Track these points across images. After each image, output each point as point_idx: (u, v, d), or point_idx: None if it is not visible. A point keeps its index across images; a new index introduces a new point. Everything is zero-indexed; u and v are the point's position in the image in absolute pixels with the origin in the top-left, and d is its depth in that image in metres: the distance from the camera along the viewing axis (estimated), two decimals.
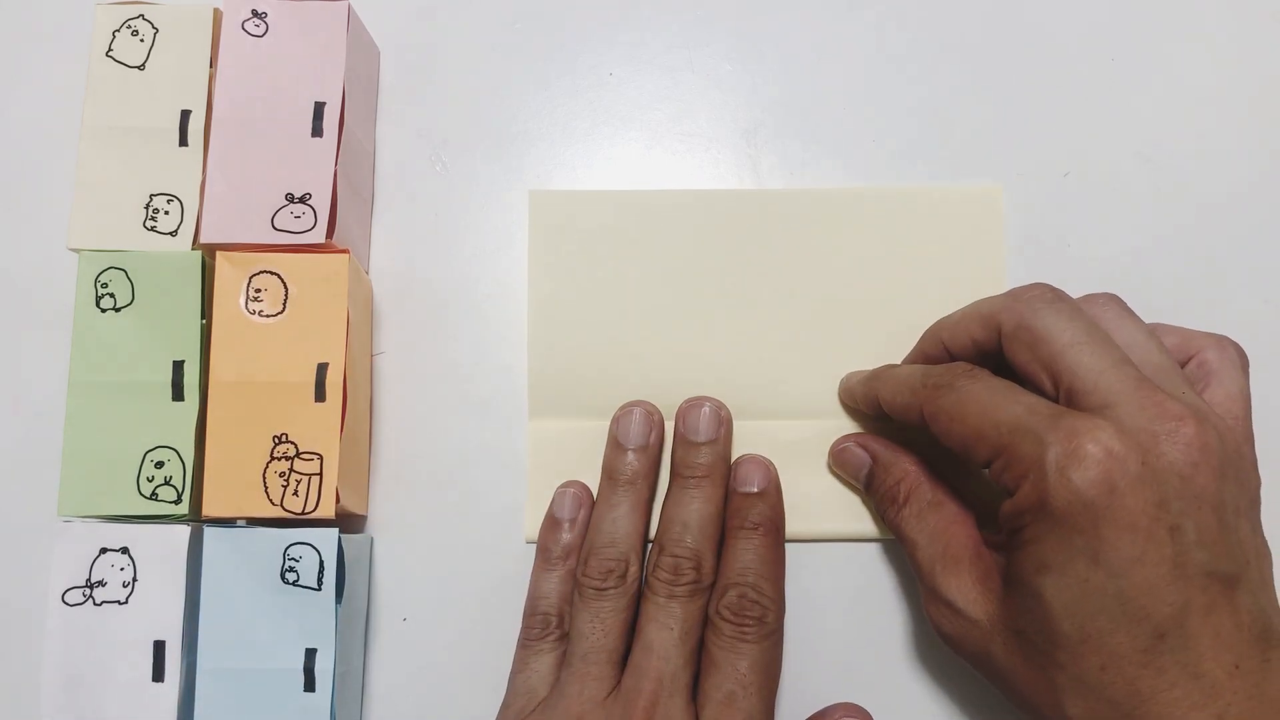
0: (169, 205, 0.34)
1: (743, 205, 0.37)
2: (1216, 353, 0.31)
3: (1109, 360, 0.28)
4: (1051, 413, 0.28)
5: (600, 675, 0.31)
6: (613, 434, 0.35)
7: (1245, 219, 0.37)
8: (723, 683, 0.31)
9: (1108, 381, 0.28)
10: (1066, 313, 0.29)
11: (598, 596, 0.32)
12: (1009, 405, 0.29)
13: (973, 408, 0.29)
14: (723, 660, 0.31)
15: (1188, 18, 0.38)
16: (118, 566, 0.32)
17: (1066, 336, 0.29)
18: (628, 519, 0.34)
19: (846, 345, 0.36)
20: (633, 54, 0.39)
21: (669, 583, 0.32)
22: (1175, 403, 0.27)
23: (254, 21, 0.35)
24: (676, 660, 0.31)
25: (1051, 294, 0.30)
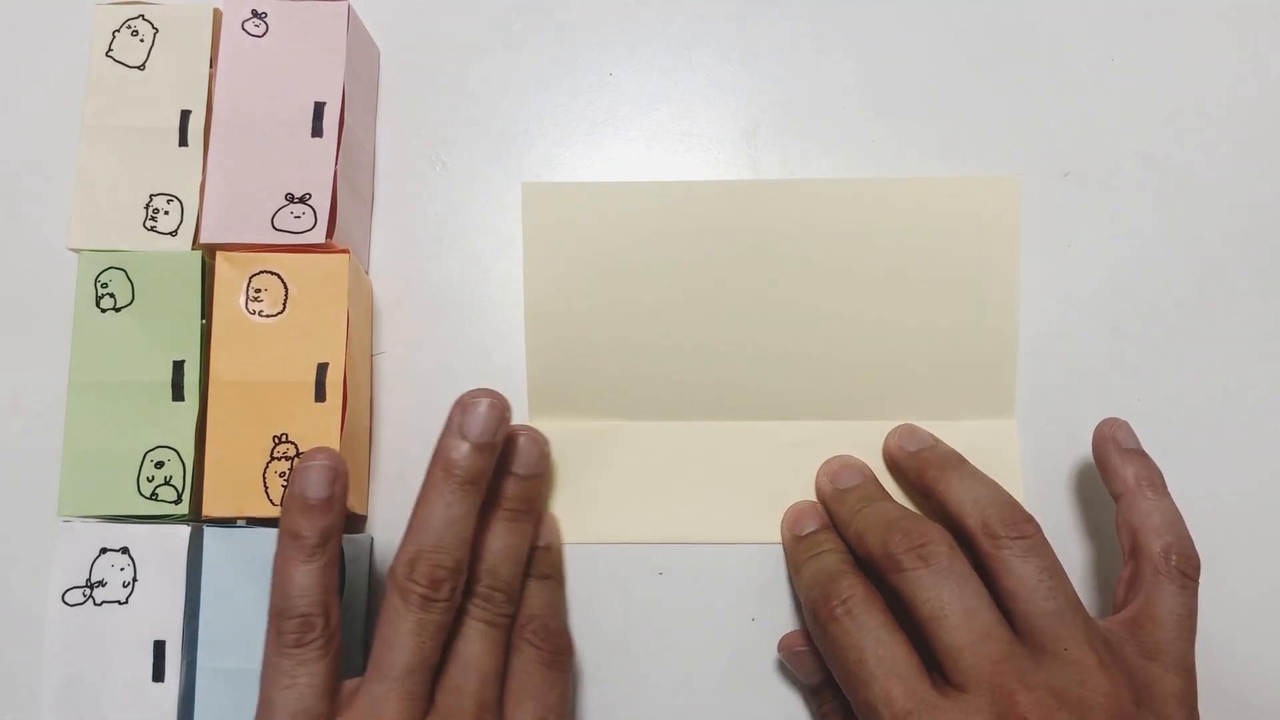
0: (169, 205, 0.34)
1: (742, 196, 0.36)
2: (1157, 563, 0.30)
3: (966, 639, 0.28)
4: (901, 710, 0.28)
5: (422, 695, 0.28)
6: (454, 421, 0.31)
7: (1245, 219, 0.37)
8: (536, 709, 0.30)
9: (965, 664, 0.28)
10: (930, 577, 0.29)
11: (425, 606, 0.29)
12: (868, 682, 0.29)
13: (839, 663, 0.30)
14: (533, 688, 0.30)
15: (1188, 18, 0.38)
16: (118, 566, 0.32)
17: (927, 609, 0.29)
18: (464, 523, 0.30)
19: (852, 341, 0.36)
20: (633, 54, 0.39)
21: (491, 609, 0.30)
22: (1027, 695, 0.27)
23: (254, 21, 0.35)
24: (494, 689, 0.30)
25: (918, 550, 0.30)
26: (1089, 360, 0.36)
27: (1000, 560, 0.30)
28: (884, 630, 0.29)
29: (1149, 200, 0.37)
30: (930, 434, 0.35)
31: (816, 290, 0.36)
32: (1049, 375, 0.36)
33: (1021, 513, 0.30)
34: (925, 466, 0.33)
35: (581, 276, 0.36)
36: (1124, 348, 0.36)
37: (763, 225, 0.36)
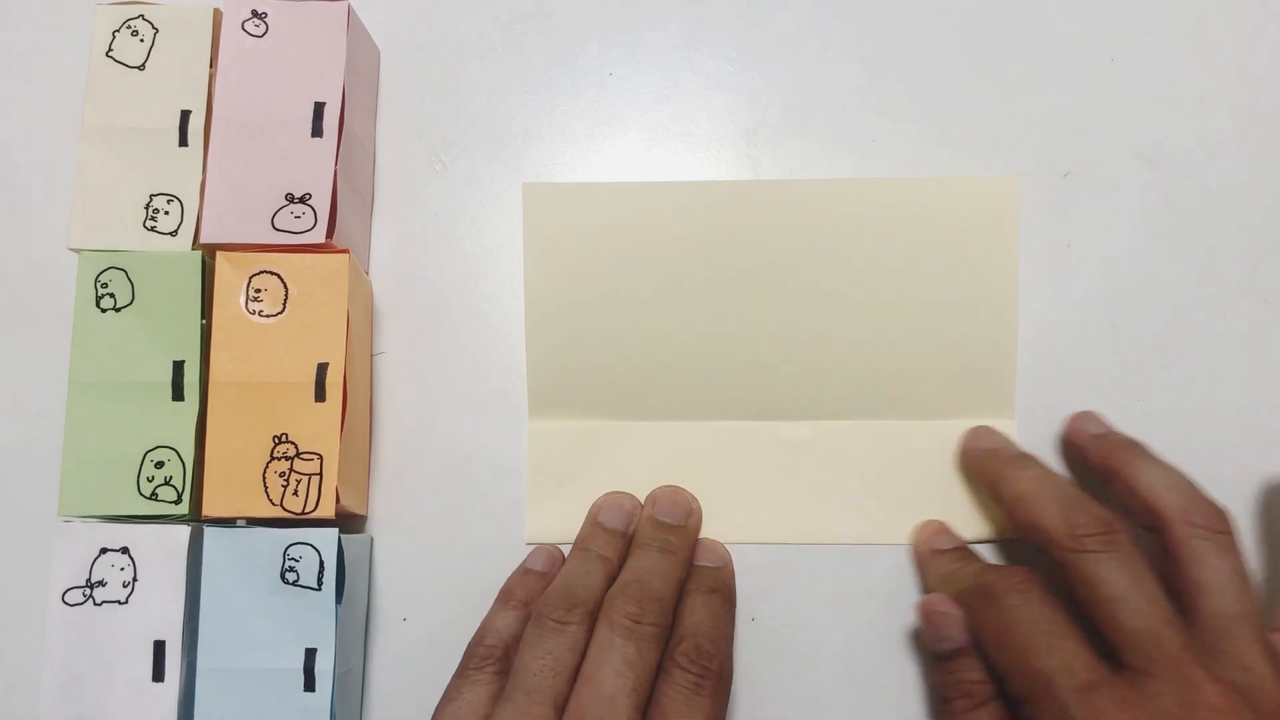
0: (169, 205, 0.34)
1: (743, 196, 0.36)
2: None
3: (1149, 624, 0.28)
4: (1083, 681, 0.27)
5: (542, 715, 0.28)
6: (593, 516, 0.34)
7: (1245, 219, 0.37)
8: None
9: (1147, 648, 0.28)
10: (1114, 561, 0.29)
11: (556, 631, 0.30)
12: (1045, 654, 0.28)
13: (1011, 639, 0.29)
14: (675, 712, 0.29)
15: (1188, 18, 0.38)
16: (118, 566, 0.32)
17: (1108, 589, 0.29)
18: (598, 574, 0.32)
19: (852, 341, 0.36)
20: (633, 54, 0.39)
21: (632, 619, 0.30)
22: (1214, 685, 0.27)
23: (254, 21, 0.35)
24: (624, 709, 0.28)
25: (1105, 535, 0.29)
26: (1089, 360, 0.36)
27: (1194, 550, 0.29)
28: (1061, 610, 0.29)
29: (1149, 200, 0.37)
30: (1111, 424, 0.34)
31: (817, 290, 0.36)
32: (1049, 375, 0.36)
33: (1220, 508, 0.30)
34: (1114, 449, 0.33)
35: (581, 277, 0.36)
36: (1124, 348, 0.36)
37: (763, 226, 0.36)
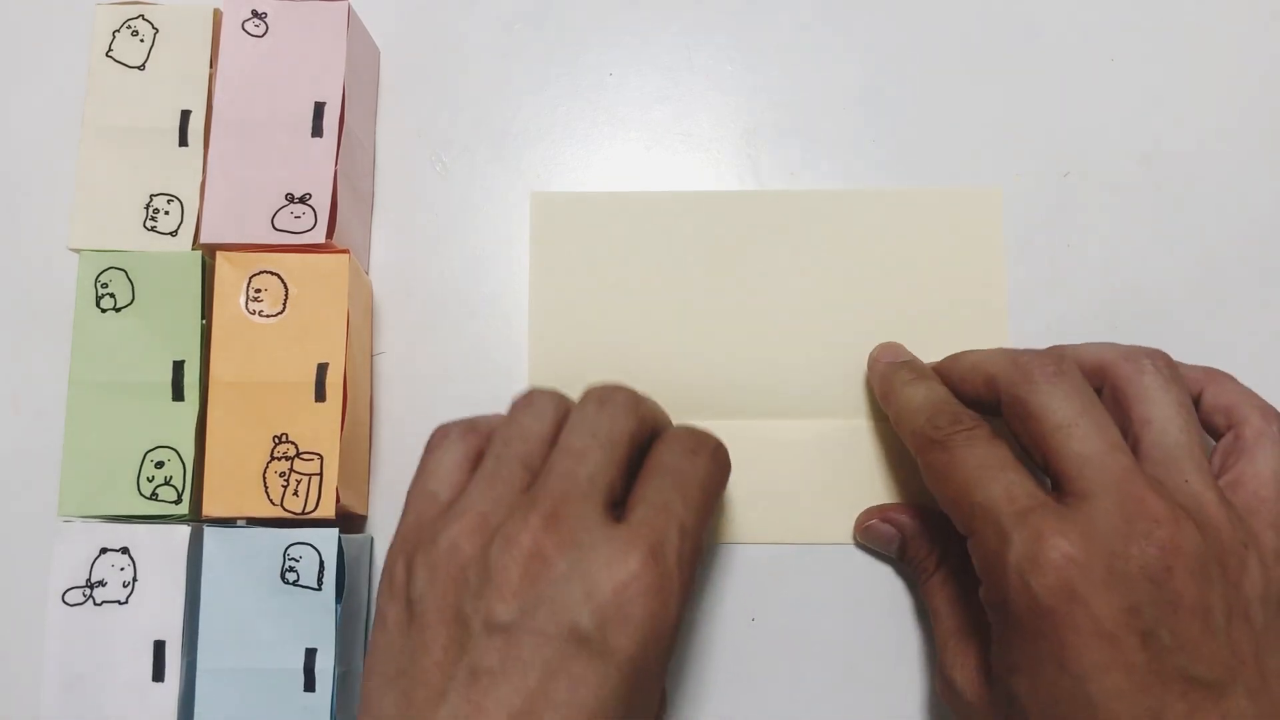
0: (169, 205, 0.34)
1: (744, 207, 0.37)
2: (1259, 425, 0.30)
3: (1096, 447, 0.28)
4: (1024, 505, 0.27)
5: (509, 476, 0.28)
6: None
7: (1245, 219, 0.37)
8: (663, 489, 0.28)
9: (1091, 471, 0.27)
10: (1063, 390, 0.29)
11: (524, 409, 0.30)
12: (988, 484, 0.28)
13: (957, 475, 0.29)
14: (669, 468, 0.28)
15: (1188, 17, 0.38)
16: (118, 566, 0.32)
17: (1057, 417, 0.28)
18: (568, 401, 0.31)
19: (846, 346, 0.36)
20: (633, 54, 0.39)
21: (604, 395, 0.29)
22: (1158, 500, 0.26)
23: (254, 21, 0.35)
24: (595, 461, 0.28)
25: (1053, 367, 0.29)
26: None
27: (1141, 386, 0.29)
28: (1008, 451, 0.29)
29: (1149, 200, 0.37)
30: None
31: (815, 295, 0.36)
32: None
33: (1160, 350, 0.30)
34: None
35: (586, 284, 0.37)
36: None
37: (763, 234, 0.37)
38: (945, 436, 0.30)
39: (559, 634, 0.25)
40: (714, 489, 0.29)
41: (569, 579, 0.26)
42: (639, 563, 0.26)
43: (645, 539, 0.26)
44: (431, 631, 0.26)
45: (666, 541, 0.26)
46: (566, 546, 0.26)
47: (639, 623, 0.25)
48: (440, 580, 0.27)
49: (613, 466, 0.28)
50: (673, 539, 0.27)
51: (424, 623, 0.26)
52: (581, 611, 0.25)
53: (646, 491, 0.28)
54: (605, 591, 0.25)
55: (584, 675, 0.25)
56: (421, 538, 0.28)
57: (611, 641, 0.25)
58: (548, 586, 0.26)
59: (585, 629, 0.25)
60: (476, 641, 0.25)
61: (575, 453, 0.28)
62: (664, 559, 0.26)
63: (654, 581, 0.26)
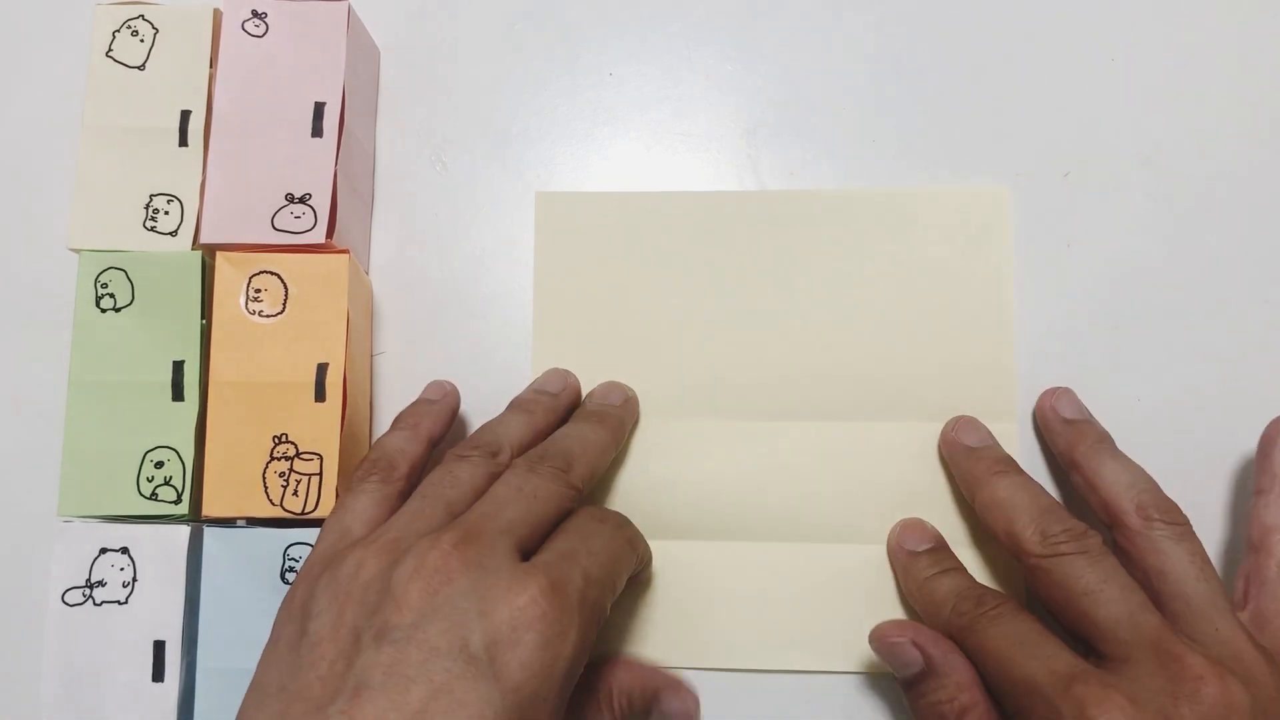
0: (169, 205, 0.34)
1: (749, 207, 0.37)
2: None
3: (1125, 609, 0.28)
4: (1065, 676, 0.27)
5: (431, 513, 0.28)
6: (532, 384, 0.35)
7: (1245, 219, 0.37)
8: (568, 543, 0.28)
9: (1125, 633, 0.28)
10: (1087, 560, 0.29)
11: (458, 461, 0.30)
12: (1025, 661, 0.28)
13: (992, 655, 0.29)
14: (574, 528, 0.29)
15: (1188, 18, 0.38)
16: (118, 566, 0.32)
17: (1082, 584, 0.29)
18: (519, 424, 0.32)
19: (851, 346, 0.36)
20: (633, 54, 0.39)
21: (535, 460, 0.30)
22: (1196, 657, 0.27)
23: (254, 21, 0.35)
24: (514, 512, 0.28)
25: (1080, 542, 0.30)
26: (1089, 360, 0.36)
27: (1152, 541, 0.30)
28: (1037, 623, 0.29)
29: (1149, 200, 0.37)
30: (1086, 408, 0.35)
31: (819, 297, 0.36)
32: (1049, 375, 0.36)
33: (1174, 503, 0.31)
34: (1079, 439, 0.33)
35: (591, 283, 0.37)
36: (1124, 348, 0.36)
37: (766, 235, 0.37)
38: (971, 621, 0.30)
39: (448, 650, 0.24)
40: (619, 553, 0.30)
41: (467, 596, 0.25)
42: (538, 591, 0.26)
43: (547, 575, 0.26)
44: (322, 647, 0.26)
45: (570, 581, 0.27)
46: (471, 568, 0.26)
47: (530, 651, 0.25)
48: (339, 598, 0.26)
49: (532, 519, 0.29)
50: (576, 581, 0.27)
51: (316, 639, 0.26)
52: (474, 629, 0.25)
53: (553, 544, 0.28)
54: (500, 614, 0.25)
55: (466, 697, 0.24)
56: (330, 564, 0.28)
57: (499, 665, 0.25)
58: (445, 602, 0.25)
59: (474, 648, 0.25)
60: (365, 655, 0.25)
61: (499, 500, 0.29)
62: (565, 595, 0.26)
63: (550, 613, 0.25)
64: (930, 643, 0.31)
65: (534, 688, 0.25)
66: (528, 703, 0.25)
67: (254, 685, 0.27)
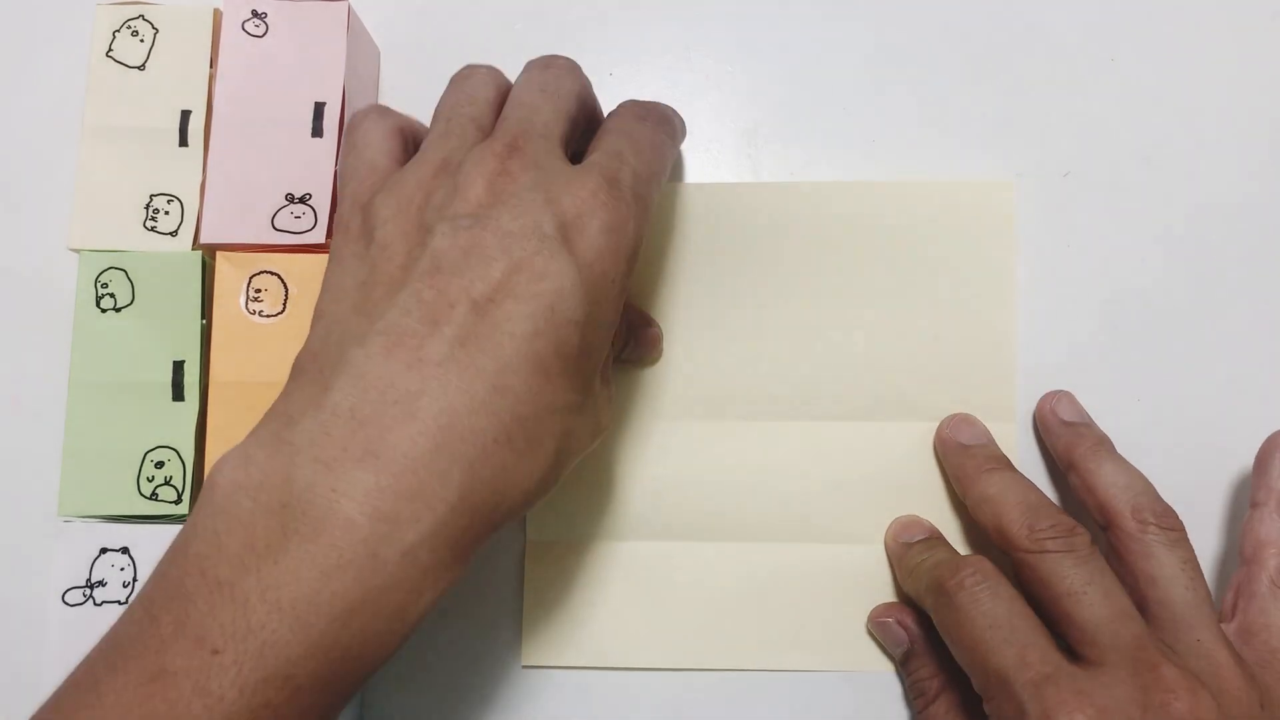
0: (169, 205, 0.34)
1: (742, 199, 0.36)
2: (1274, 573, 0.30)
3: (1106, 614, 0.28)
4: (1039, 673, 0.27)
5: (464, 132, 0.28)
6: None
7: (1245, 219, 0.37)
8: (613, 143, 0.28)
9: (1104, 638, 0.28)
10: (1073, 560, 0.29)
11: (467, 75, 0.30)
12: (999, 650, 0.28)
13: (967, 632, 0.29)
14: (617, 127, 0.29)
15: (1188, 18, 0.38)
16: (118, 566, 0.32)
17: (1066, 584, 0.29)
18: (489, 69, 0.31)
19: (851, 348, 0.36)
20: (633, 54, 0.39)
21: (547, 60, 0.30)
22: (1172, 668, 0.27)
23: (254, 21, 0.35)
24: (547, 110, 0.28)
25: (1066, 540, 0.30)
26: (1089, 360, 0.36)
27: (1144, 545, 0.30)
28: (1016, 601, 0.29)
29: (1149, 200, 0.37)
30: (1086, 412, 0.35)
31: (818, 293, 0.36)
32: (1049, 375, 0.36)
33: (1170, 508, 0.31)
34: (1078, 441, 0.33)
35: None
36: (1124, 348, 0.36)
37: (763, 228, 0.36)
38: (953, 588, 0.30)
39: (521, 232, 0.25)
40: (664, 148, 0.30)
41: (531, 190, 0.26)
42: (595, 184, 0.27)
43: (600, 172, 0.27)
44: (394, 245, 0.26)
45: (621, 177, 0.27)
46: (529, 168, 0.27)
47: (597, 234, 0.26)
48: (404, 204, 0.27)
49: (564, 119, 0.29)
50: (627, 176, 0.27)
51: (385, 241, 0.26)
52: (544, 215, 0.26)
53: (598, 146, 0.29)
54: (565, 202, 0.26)
55: (544, 270, 0.25)
56: (378, 188, 0.28)
57: (572, 244, 0.26)
58: (511, 196, 0.26)
59: (547, 230, 0.26)
60: (438, 239, 0.26)
61: (527, 105, 0.28)
62: (619, 187, 0.27)
63: (610, 201, 0.27)
64: (916, 623, 0.33)
65: (603, 267, 0.26)
66: (599, 279, 0.26)
67: (326, 286, 0.27)
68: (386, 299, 0.25)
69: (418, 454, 0.23)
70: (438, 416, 0.24)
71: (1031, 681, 0.27)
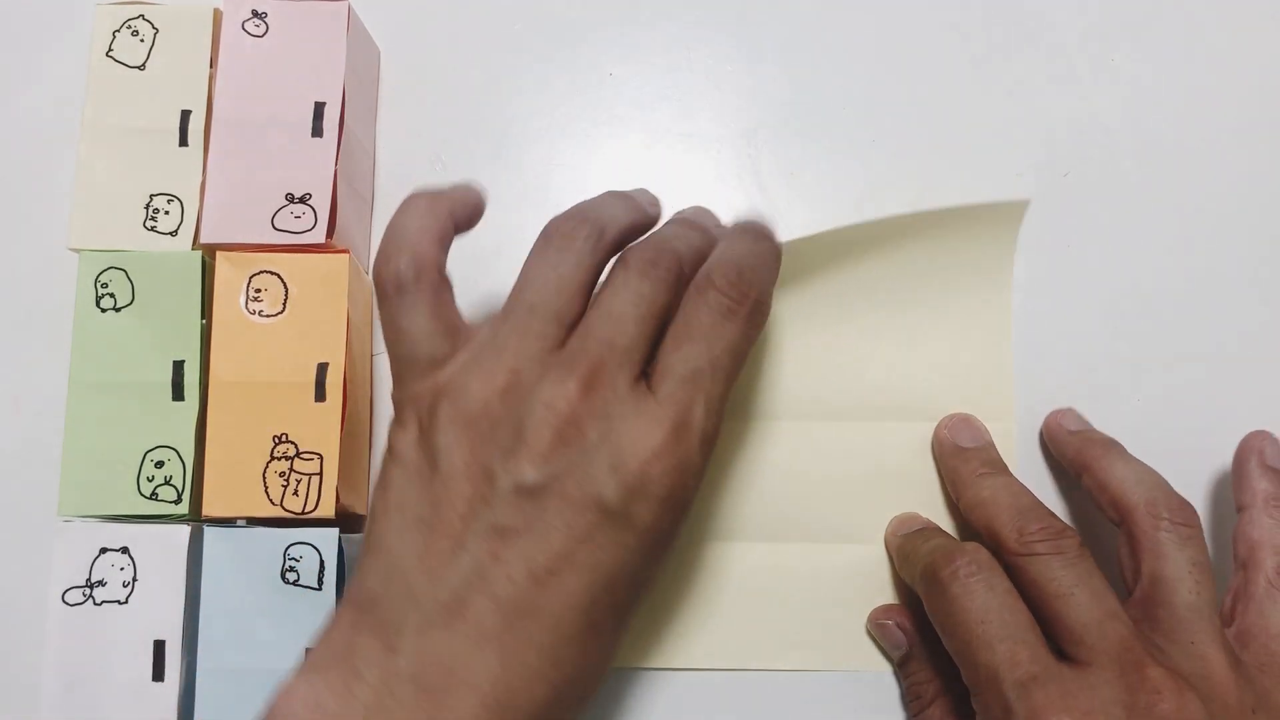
0: (169, 205, 0.34)
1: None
2: (1272, 574, 0.30)
3: (1095, 615, 0.28)
4: (1026, 673, 0.27)
5: (543, 332, 0.27)
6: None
7: (1245, 219, 0.37)
8: (692, 357, 0.27)
9: (1091, 639, 0.28)
10: (1063, 562, 0.29)
11: (562, 246, 0.28)
12: (989, 647, 0.28)
13: (958, 626, 0.29)
14: (699, 333, 0.27)
15: (1188, 18, 0.38)
16: (118, 566, 0.32)
17: (1055, 586, 0.29)
18: (617, 205, 0.29)
19: (852, 341, 0.35)
20: (633, 54, 0.39)
21: (647, 263, 0.27)
22: (1158, 669, 0.27)
23: (254, 21, 0.35)
24: (634, 334, 0.27)
25: (1056, 542, 0.30)
26: (1089, 360, 0.36)
27: (1156, 542, 0.30)
28: (1010, 596, 0.29)
29: (1149, 200, 0.37)
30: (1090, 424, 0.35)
31: (818, 294, 0.36)
32: (1049, 376, 0.36)
33: (1186, 502, 0.30)
34: (1089, 444, 0.33)
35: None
36: (1124, 348, 0.36)
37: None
38: (946, 578, 0.30)
39: (584, 502, 0.26)
40: (745, 349, 0.28)
41: (598, 448, 0.26)
42: (664, 439, 0.26)
43: (671, 415, 0.26)
44: (457, 485, 0.26)
45: (692, 418, 0.26)
46: (598, 416, 0.26)
47: (661, 498, 0.26)
48: (470, 436, 0.26)
49: (647, 342, 0.27)
50: (698, 415, 0.27)
51: (449, 474, 0.26)
52: (608, 483, 0.26)
53: (674, 360, 0.27)
54: (631, 467, 0.26)
55: (605, 542, 0.26)
56: (440, 381, 0.27)
57: (633, 514, 0.26)
58: (578, 454, 0.26)
59: (610, 501, 0.26)
60: (502, 499, 0.26)
61: (615, 319, 0.27)
62: (688, 436, 0.26)
63: (676, 462, 0.26)
64: (915, 626, 0.33)
65: (663, 528, 0.26)
66: (659, 541, 0.27)
67: (385, 508, 0.27)
68: (449, 559, 0.26)
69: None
70: (494, 687, 0.25)
71: (1020, 681, 0.27)
